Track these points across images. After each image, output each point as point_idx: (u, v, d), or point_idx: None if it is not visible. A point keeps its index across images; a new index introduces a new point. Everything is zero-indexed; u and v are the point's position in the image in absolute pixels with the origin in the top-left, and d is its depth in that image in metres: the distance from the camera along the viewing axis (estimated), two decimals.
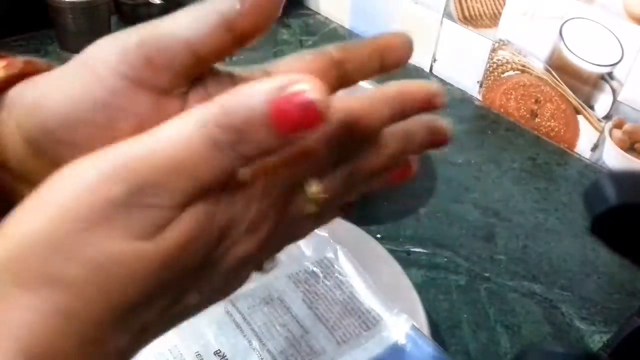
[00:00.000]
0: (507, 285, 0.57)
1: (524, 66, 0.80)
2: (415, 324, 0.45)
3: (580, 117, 0.76)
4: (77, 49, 0.98)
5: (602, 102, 0.73)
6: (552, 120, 0.79)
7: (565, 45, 0.74)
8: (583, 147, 0.77)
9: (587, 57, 0.73)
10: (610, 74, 0.71)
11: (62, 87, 0.22)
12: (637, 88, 0.69)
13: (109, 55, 0.22)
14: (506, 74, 0.82)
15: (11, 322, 0.19)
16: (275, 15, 0.23)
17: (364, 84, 0.29)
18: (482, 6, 0.81)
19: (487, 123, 0.82)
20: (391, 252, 0.52)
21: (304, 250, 0.52)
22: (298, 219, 0.25)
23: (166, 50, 0.22)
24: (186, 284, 0.22)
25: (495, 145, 0.78)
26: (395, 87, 0.27)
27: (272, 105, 0.19)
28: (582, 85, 0.74)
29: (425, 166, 0.72)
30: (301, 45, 0.95)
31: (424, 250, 0.60)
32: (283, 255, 0.51)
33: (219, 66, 0.24)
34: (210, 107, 0.20)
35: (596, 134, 0.75)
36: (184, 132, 0.20)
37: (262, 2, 0.22)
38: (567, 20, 0.73)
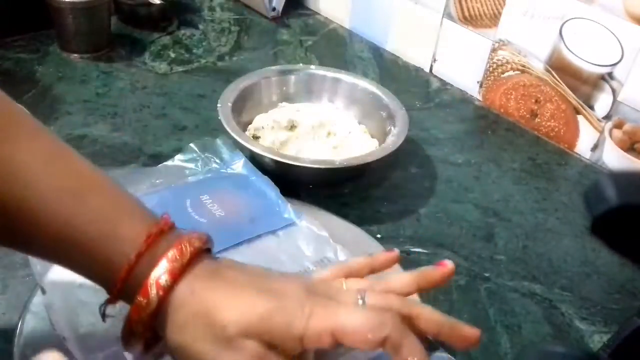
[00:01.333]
0: (507, 285, 0.57)
1: (524, 66, 0.80)
2: None
3: (580, 117, 0.76)
4: (77, 49, 0.98)
5: (602, 102, 0.73)
6: (552, 120, 0.79)
7: (565, 45, 0.74)
8: (583, 147, 0.77)
9: (587, 57, 0.73)
10: (610, 74, 0.71)
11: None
12: (637, 88, 0.69)
13: None
14: (506, 74, 0.82)
15: None
16: None
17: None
18: (482, 6, 0.81)
19: (487, 123, 0.82)
20: None
21: (304, 250, 0.52)
22: None
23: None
24: None
25: (495, 145, 0.78)
26: None
27: None
28: (582, 85, 0.74)
29: (425, 166, 0.72)
30: (301, 45, 0.95)
31: (424, 250, 0.60)
32: (283, 255, 0.51)
33: None
34: None
35: (596, 134, 0.75)
36: None
37: None
38: (567, 20, 0.73)
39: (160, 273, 0.35)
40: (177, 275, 0.35)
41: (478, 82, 0.86)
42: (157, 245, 0.36)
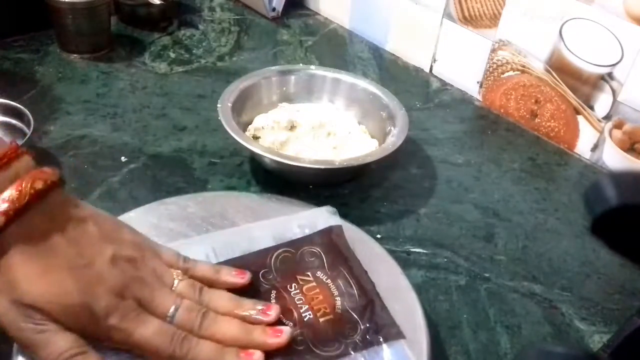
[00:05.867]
0: (507, 285, 0.57)
1: (524, 66, 0.80)
2: None
3: (580, 118, 0.76)
4: (77, 49, 0.98)
5: (602, 103, 0.73)
6: (552, 121, 0.79)
7: (565, 45, 0.74)
8: (583, 147, 0.77)
9: (587, 57, 0.73)
10: (610, 74, 0.71)
11: None
12: (637, 88, 0.69)
13: None
14: (506, 74, 0.82)
15: None
16: None
17: None
18: (482, 6, 0.81)
19: (487, 123, 0.82)
20: (391, 252, 0.52)
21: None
22: None
23: None
24: None
25: (495, 145, 0.78)
26: None
27: None
28: (582, 85, 0.74)
29: (425, 166, 0.72)
30: (301, 45, 0.95)
31: (424, 250, 0.60)
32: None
33: None
34: None
35: (596, 134, 0.75)
36: None
37: None
38: (567, 21, 0.73)
39: None
40: (11, 218, 0.36)
41: (478, 82, 0.86)
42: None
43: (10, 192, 0.36)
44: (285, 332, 0.42)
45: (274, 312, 0.44)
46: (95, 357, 0.38)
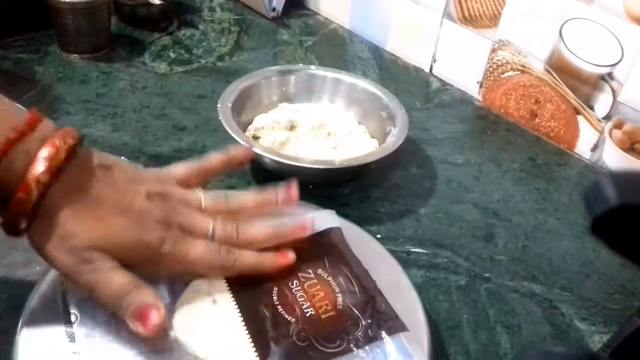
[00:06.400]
0: (507, 285, 0.57)
1: (523, 66, 0.80)
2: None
3: (580, 118, 0.76)
4: (77, 49, 0.97)
5: (602, 103, 0.73)
6: (552, 121, 0.79)
7: (565, 45, 0.74)
8: (583, 147, 0.77)
9: (587, 58, 0.73)
10: (610, 74, 0.71)
11: None
12: (637, 88, 0.69)
13: None
14: (506, 74, 0.82)
15: None
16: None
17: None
18: (482, 6, 0.81)
19: (487, 123, 0.82)
20: (391, 252, 0.52)
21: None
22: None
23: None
24: None
25: (495, 145, 0.78)
26: None
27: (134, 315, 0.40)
28: (582, 85, 0.74)
29: (425, 166, 0.72)
30: (301, 45, 0.95)
31: (424, 250, 0.60)
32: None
33: None
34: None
35: (596, 135, 0.75)
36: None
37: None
38: (567, 21, 0.73)
39: (39, 170, 0.37)
40: (54, 174, 0.38)
41: (478, 82, 0.86)
42: (29, 141, 0.38)
43: (48, 150, 0.38)
44: (308, 223, 0.49)
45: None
46: (148, 290, 0.41)
